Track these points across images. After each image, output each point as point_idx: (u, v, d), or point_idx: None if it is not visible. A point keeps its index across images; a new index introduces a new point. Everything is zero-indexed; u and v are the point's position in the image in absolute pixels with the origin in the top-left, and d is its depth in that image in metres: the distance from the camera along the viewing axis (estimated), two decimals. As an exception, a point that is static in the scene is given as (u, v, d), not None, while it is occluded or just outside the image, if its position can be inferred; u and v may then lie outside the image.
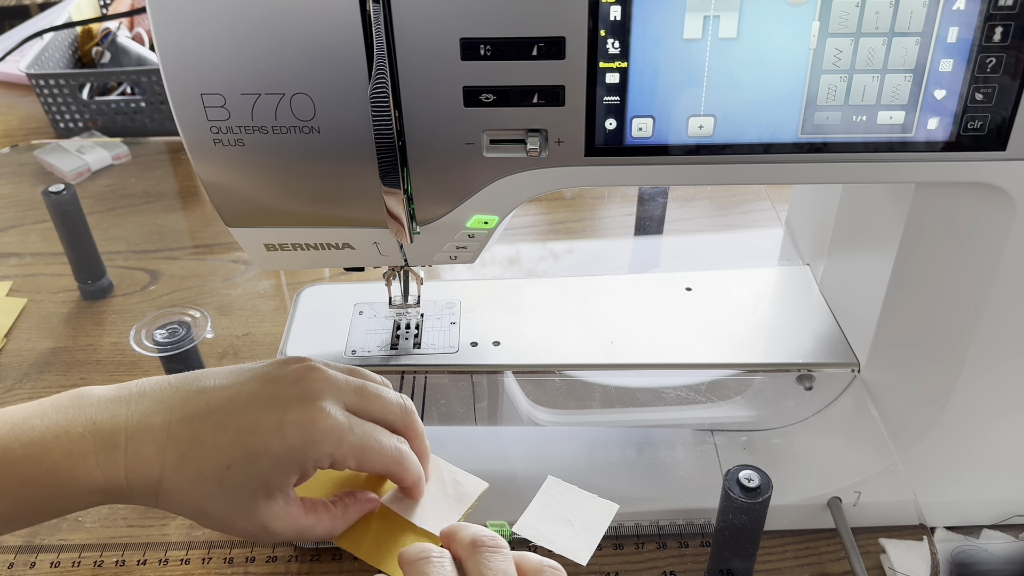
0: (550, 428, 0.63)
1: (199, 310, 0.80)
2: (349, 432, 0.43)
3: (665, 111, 0.43)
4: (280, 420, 0.42)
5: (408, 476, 0.46)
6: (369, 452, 0.44)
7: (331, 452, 0.43)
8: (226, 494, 0.42)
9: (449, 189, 0.47)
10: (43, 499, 0.42)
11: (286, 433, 0.42)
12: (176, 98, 0.43)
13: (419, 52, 0.41)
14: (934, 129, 0.44)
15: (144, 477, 0.42)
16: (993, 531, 0.59)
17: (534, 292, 0.68)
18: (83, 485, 0.42)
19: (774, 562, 0.57)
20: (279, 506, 0.44)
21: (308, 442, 0.42)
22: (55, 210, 0.78)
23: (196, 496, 0.43)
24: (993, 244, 0.49)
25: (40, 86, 1.06)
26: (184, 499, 0.43)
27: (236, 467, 0.42)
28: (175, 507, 0.43)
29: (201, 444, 0.42)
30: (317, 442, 0.42)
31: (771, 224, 0.92)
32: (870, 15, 0.40)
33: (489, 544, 0.41)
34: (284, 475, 0.43)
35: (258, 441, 0.42)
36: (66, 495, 0.42)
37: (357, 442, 0.43)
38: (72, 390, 0.45)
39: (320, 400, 0.44)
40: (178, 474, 0.42)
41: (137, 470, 0.42)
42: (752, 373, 0.63)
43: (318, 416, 0.43)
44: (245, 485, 0.42)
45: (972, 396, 0.54)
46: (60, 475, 0.42)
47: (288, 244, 0.50)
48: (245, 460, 0.42)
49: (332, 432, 0.43)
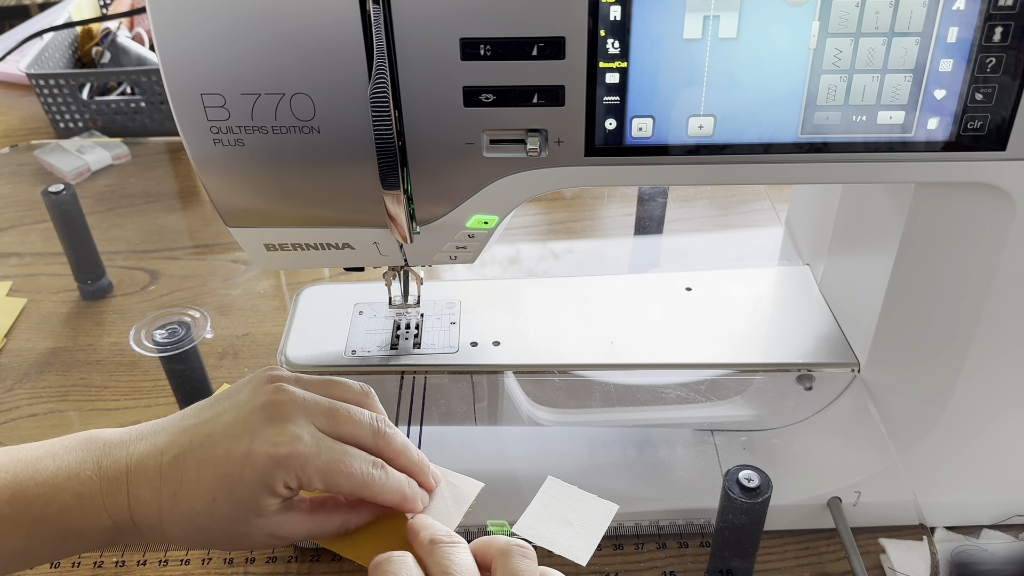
0: (550, 428, 0.63)
1: (199, 310, 0.80)
2: (316, 456, 0.44)
3: (665, 111, 0.43)
4: (248, 449, 0.43)
5: (384, 498, 0.46)
6: (336, 476, 0.44)
7: (297, 475, 0.43)
8: (219, 524, 0.44)
9: (449, 189, 0.47)
10: (56, 538, 0.44)
11: (255, 460, 0.43)
12: (176, 98, 0.43)
13: (419, 52, 0.41)
14: (934, 129, 0.44)
15: (147, 519, 0.44)
16: (993, 531, 0.59)
17: (534, 292, 0.68)
18: (94, 526, 0.44)
19: (774, 562, 0.57)
20: (278, 518, 0.44)
21: (274, 466, 0.43)
22: (55, 210, 0.78)
23: (195, 530, 0.44)
24: (993, 244, 0.49)
25: (40, 86, 1.06)
26: (186, 534, 0.44)
27: (220, 499, 0.43)
28: (182, 543, 0.45)
29: (187, 481, 0.44)
30: (282, 466, 0.43)
31: (771, 224, 0.92)
32: (870, 15, 0.40)
33: (446, 540, 0.42)
34: (262, 499, 0.43)
35: (233, 471, 0.43)
36: (77, 534, 0.44)
37: (323, 466, 0.44)
38: (82, 432, 0.47)
39: (287, 424, 0.44)
40: (174, 513, 0.44)
41: (140, 512, 0.44)
42: (752, 373, 0.63)
43: (282, 441, 0.43)
44: (233, 514, 0.43)
45: (972, 396, 0.54)
46: (71, 516, 0.43)
47: (288, 244, 0.50)
48: (226, 491, 0.43)
49: (296, 457, 0.43)
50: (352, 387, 0.49)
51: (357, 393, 0.49)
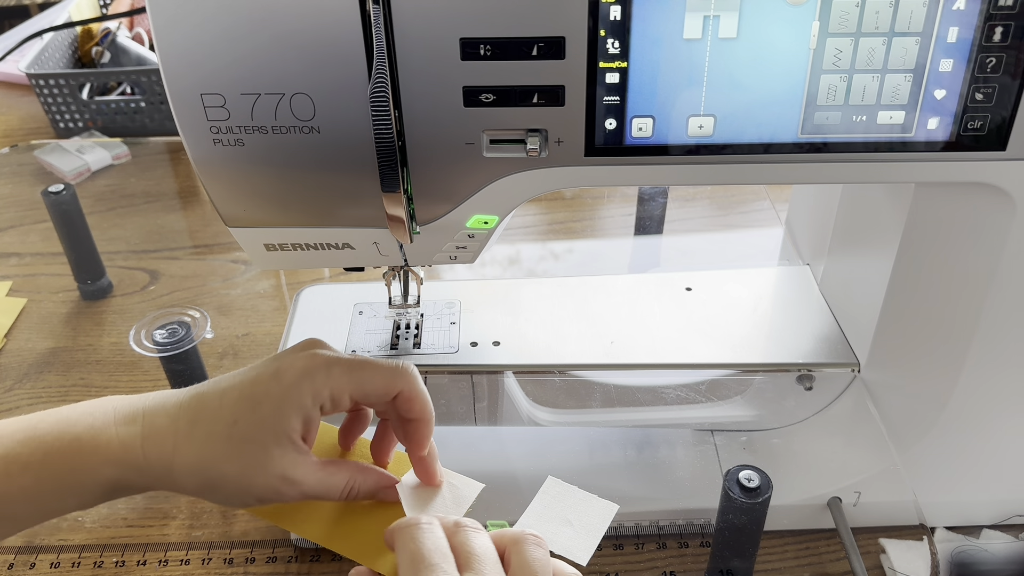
0: (550, 428, 0.63)
1: (199, 310, 0.80)
2: (338, 361, 0.45)
3: (665, 111, 0.43)
4: (277, 368, 0.44)
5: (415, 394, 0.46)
6: (363, 372, 0.45)
7: (325, 380, 0.44)
8: (237, 450, 0.43)
9: (449, 189, 0.47)
10: (64, 471, 0.43)
11: (283, 376, 0.44)
12: (176, 98, 0.43)
13: (419, 52, 0.41)
14: (934, 129, 0.44)
15: (159, 446, 0.43)
16: (993, 531, 0.59)
17: (534, 292, 0.68)
18: (102, 456, 0.43)
19: (774, 562, 0.57)
20: (292, 455, 0.44)
21: (302, 376, 0.44)
22: (55, 210, 0.78)
23: (209, 459, 0.43)
24: (993, 244, 0.49)
25: (40, 86, 1.06)
26: (198, 465, 0.43)
27: (242, 420, 0.43)
28: (190, 478, 0.44)
29: (208, 409, 0.44)
30: (310, 374, 0.44)
31: (771, 224, 0.92)
32: (870, 15, 0.40)
33: (470, 525, 0.43)
34: (287, 417, 0.43)
35: (259, 390, 0.44)
36: (85, 468, 0.43)
37: (348, 365, 0.45)
38: None
39: (314, 349, 0.46)
40: (190, 441, 0.43)
41: (153, 439, 0.43)
42: (752, 373, 0.63)
43: (311, 356, 0.45)
44: (253, 436, 0.43)
45: (972, 396, 0.54)
46: (81, 446, 0.43)
47: (288, 244, 0.50)
48: (249, 410, 0.43)
49: (324, 362, 0.44)
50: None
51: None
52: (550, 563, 0.42)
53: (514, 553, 0.42)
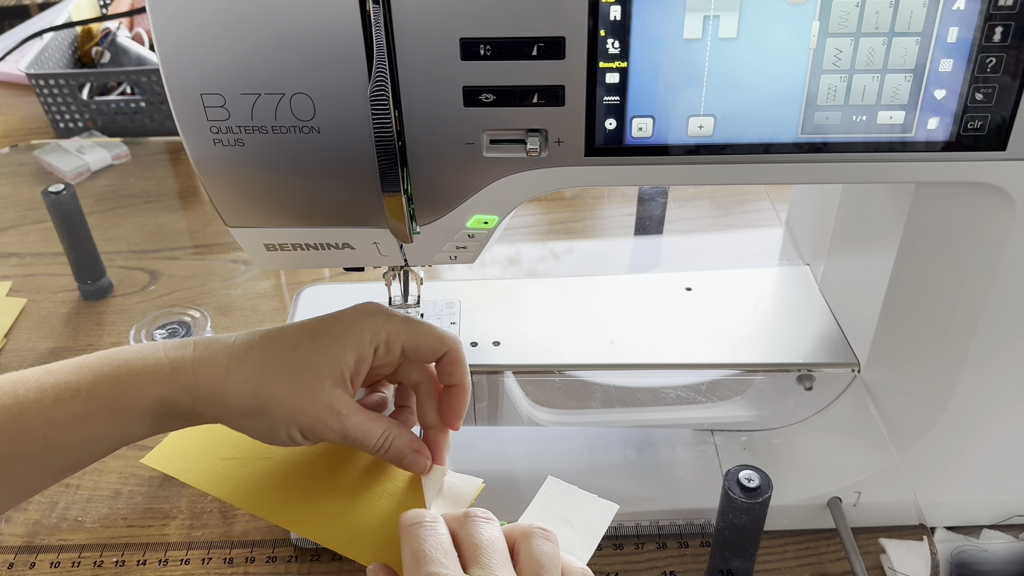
0: (550, 428, 0.63)
1: (199, 310, 0.80)
2: (397, 314, 0.48)
3: (665, 111, 0.43)
4: (338, 312, 0.47)
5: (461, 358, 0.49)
6: (419, 326, 0.48)
7: (384, 324, 0.47)
8: (293, 372, 0.45)
9: (449, 189, 0.47)
10: (113, 394, 0.43)
11: (344, 315, 0.47)
12: (176, 98, 0.43)
13: (419, 52, 0.41)
14: (934, 129, 0.44)
15: (212, 367, 0.44)
16: (993, 531, 0.59)
17: (534, 292, 0.68)
18: (151, 376, 0.44)
19: (774, 562, 0.57)
20: (341, 391, 0.46)
21: (364, 316, 0.47)
22: (55, 210, 0.78)
23: (263, 380, 0.44)
24: (993, 244, 0.49)
25: (40, 86, 1.06)
26: (252, 385, 0.44)
27: (301, 346, 0.45)
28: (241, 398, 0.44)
29: (267, 337, 0.46)
30: (370, 316, 0.47)
31: (771, 224, 0.92)
32: (870, 15, 0.40)
33: (480, 515, 0.44)
34: (344, 350, 0.45)
35: (320, 325, 0.46)
36: (135, 388, 0.43)
37: (406, 319, 0.48)
38: None
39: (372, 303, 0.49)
40: (246, 360, 0.44)
41: (205, 361, 0.44)
42: (752, 373, 0.63)
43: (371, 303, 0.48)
44: (310, 363, 0.45)
45: (972, 396, 0.54)
46: (130, 367, 0.44)
47: (288, 244, 0.50)
48: (309, 340, 0.45)
49: (383, 310, 0.48)
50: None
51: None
52: (559, 557, 0.43)
53: (523, 547, 0.43)
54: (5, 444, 0.42)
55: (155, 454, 0.52)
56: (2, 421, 0.42)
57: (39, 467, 0.43)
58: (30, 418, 0.42)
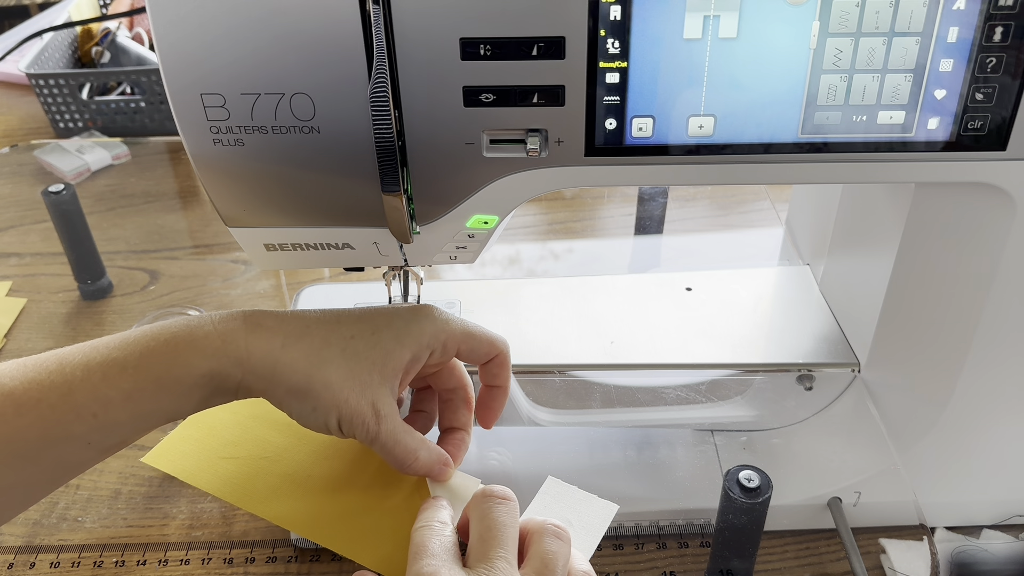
0: (550, 428, 0.63)
1: (199, 310, 0.80)
2: (453, 317, 0.48)
3: (665, 111, 0.43)
4: (393, 310, 0.48)
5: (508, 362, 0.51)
6: (474, 329, 0.49)
7: (443, 327, 0.47)
8: (348, 360, 0.44)
9: (449, 189, 0.47)
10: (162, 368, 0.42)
11: (404, 314, 0.47)
12: (176, 98, 0.43)
13: (419, 52, 0.41)
14: (934, 129, 0.44)
15: (266, 341, 0.44)
16: (993, 531, 0.59)
17: (534, 292, 0.68)
18: (201, 348, 0.43)
19: (774, 562, 0.57)
20: (388, 392, 0.45)
21: (425, 318, 0.47)
22: (55, 210, 0.78)
23: (318, 361, 0.44)
24: (993, 244, 0.49)
25: (40, 86, 1.06)
26: (306, 364, 0.44)
27: (360, 336, 0.45)
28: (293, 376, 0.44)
29: (324, 321, 0.46)
30: (432, 318, 0.47)
31: (771, 224, 0.92)
32: (870, 15, 0.40)
33: (499, 495, 0.45)
34: (402, 347, 0.46)
35: (381, 319, 0.46)
36: (183, 361, 0.42)
37: (461, 322, 0.48)
38: None
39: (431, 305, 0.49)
40: (302, 339, 0.44)
41: (259, 333, 0.44)
42: (752, 373, 0.63)
43: (430, 305, 0.49)
44: (367, 354, 0.45)
45: (972, 396, 0.54)
46: (179, 341, 0.43)
47: (288, 244, 0.50)
48: (369, 332, 0.45)
49: (441, 314, 0.48)
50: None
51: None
52: (568, 557, 0.43)
53: (534, 541, 0.43)
54: (56, 424, 0.41)
55: (155, 454, 0.52)
56: (52, 400, 0.41)
57: (89, 446, 0.42)
58: (79, 396, 0.41)
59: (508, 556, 0.42)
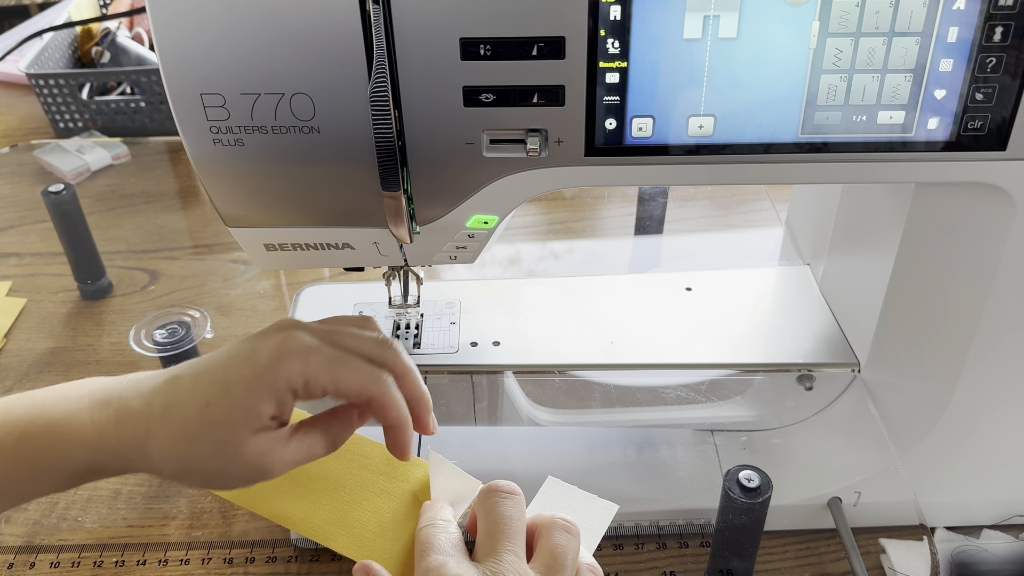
0: (550, 428, 0.63)
1: (199, 310, 0.80)
2: (318, 350, 0.43)
3: (665, 111, 0.43)
4: (252, 349, 0.43)
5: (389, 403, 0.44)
6: (342, 368, 0.43)
7: (301, 368, 0.42)
8: (209, 433, 0.42)
9: (449, 189, 0.47)
10: (38, 456, 0.43)
11: (257, 358, 0.42)
12: (176, 98, 0.43)
13: (419, 52, 0.41)
14: (934, 129, 0.44)
15: (133, 430, 0.43)
16: (993, 531, 0.59)
17: (534, 292, 0.68)
18: (77, 440, 0.43)
19: (774, 562, 0.57)
20: (266, 438, 0.43)
21: (277, 360, 0.42)
22: (55, 210, 0.78)
23: (184, 444, 0.43)
24: (993, 244, 0.49)
25: (40, 86, 1.06)
26: (173, 450, 0.43)
27: (214, 403, 0.42)
28: (166, 462, 0.43)
29: (182, 391, 0.43)
30: (285, 359, 0.42)
31: (771, 224, 0.92)
32: (870, 15, 0.40)
33: (504, 489, 0.44)
34: (259, 401, 0.42)
35: (232, 372, 0.43)
36: (60, 453, 0.43)
37: (327, 357, 0.43)
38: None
39: (291, 330, 0.44)
40: (164, 424, 0.43)
41: (126, 424, 0.43)
42: (752, 373, 0.63)
43: (287, 338, 0.43)
44: (226, 419, 0.42)
45: (972, 396, 0.54)
46: (55, 431, 0.43)
47: (288, 244, 0.50)
48: (221, 393, 0.42)
49: (300, 349, 0.43)
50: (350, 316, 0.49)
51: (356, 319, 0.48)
52: (577, 552, 0.43)
53: (543, 535, 0.43)
54: None
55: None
56: None
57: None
58: None
59: (516, 549, 0.42)
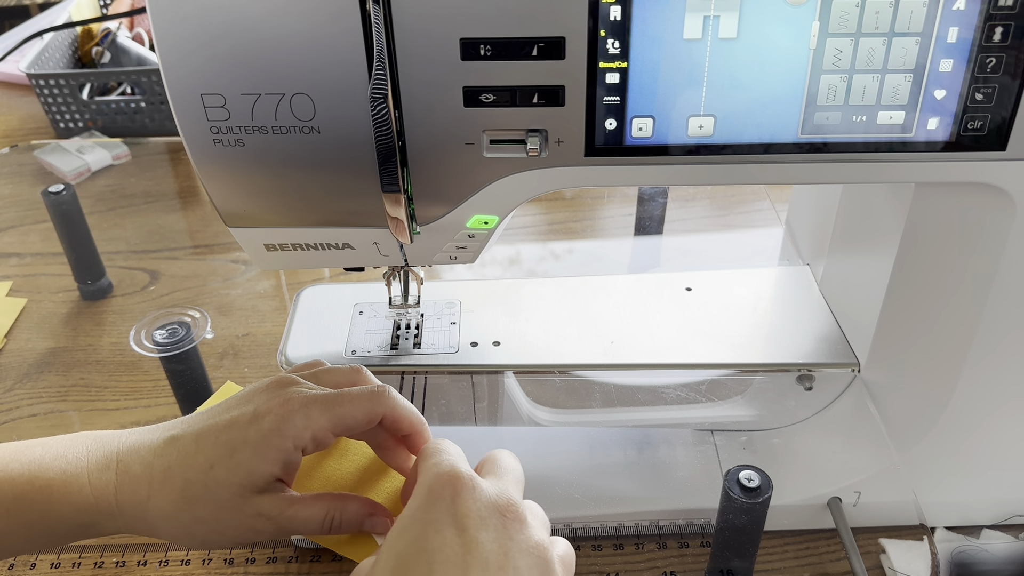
0: (550, 428, 0.63)
1: (199, 310, 0.80)
2: (314, 399, 0.44)
3: (665, 111, 0.43)
4: (254, 411, 0.44)
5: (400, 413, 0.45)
6: (344, 405, 0.44)
7: (305, 424, 0.43)
8: (212, 494, 0.43)
9: (449, 189, 0.47)
10: (35, 516, 0.43)
11: (261, 421, 0.43)
12: (176, 98, 0.43)
13: (419, 52, 0.41)
14: (934, 129, 0.44)
15: (133, 494, 0.43)
16: (993, 531, 0.59)
17: (534, 292, 0.68)
18: (74, 503, 0.43)
19: (774, 562, 0.57)
20: (268, 497, 0.44)
21: (282, 422, 0.43)
22: (55, 210, 0.78)
23: (184, 505, 0.43)
24: (993, 244, 0.49)
25: (40, 86, 1.06)
26: (174, 512, 0.43)
27: (219, 464, 0.43)
28: (164, 524, 0.43)
29: (185, 454, 0.43)
30: (289, 419, 0.43)
31: (771, 224, 0.92)
32: (870, 15, 0.40)
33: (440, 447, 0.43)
34: (267, 463, 0.43)
35: (236, 435, 0.43)
36: (56, 514, 0.43)
37: (323, 401, 0.44)
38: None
39: (289, 387, 0.45)
40: (165, 486, 0.43)
41: (126, 487, 0.43)
42: (752, 373, 0.63)
43: (287, 398, 0.44)
44: (230, 480, 0.42)
45: (972, 396, 0.54)
46: (52, 492, 0.43)
47: (288, 244, 0.50)
48: (226, 455, 0.43)
49: (301, 403, 0.44)
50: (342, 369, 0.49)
51: (348, 373, 0.49)
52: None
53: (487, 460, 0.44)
54: None
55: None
56: None
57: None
58: None
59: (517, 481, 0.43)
